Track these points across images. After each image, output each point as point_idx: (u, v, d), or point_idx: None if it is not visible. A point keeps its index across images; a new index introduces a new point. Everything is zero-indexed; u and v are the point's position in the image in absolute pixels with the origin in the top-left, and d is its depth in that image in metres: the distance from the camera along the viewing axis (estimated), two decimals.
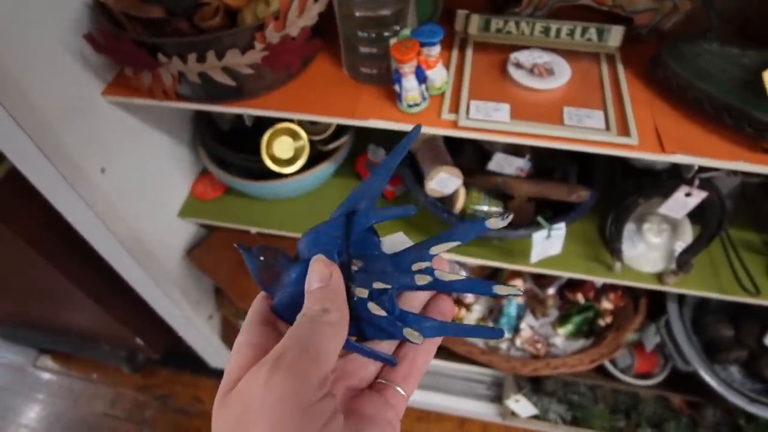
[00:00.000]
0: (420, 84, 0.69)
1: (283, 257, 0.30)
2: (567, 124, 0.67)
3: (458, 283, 0.28)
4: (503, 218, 0.27)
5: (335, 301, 0.27)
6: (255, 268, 0.30)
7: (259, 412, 0.22)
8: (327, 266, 0.28)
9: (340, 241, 0.30)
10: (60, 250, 1.02)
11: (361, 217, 0.30)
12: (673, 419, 1.25)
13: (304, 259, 0.29)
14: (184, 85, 0.73)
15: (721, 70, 0.65)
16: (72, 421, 1.50)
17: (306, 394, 0.22)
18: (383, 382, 0.30)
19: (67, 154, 0.75)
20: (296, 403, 0.22)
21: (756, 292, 0.86)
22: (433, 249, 0.29)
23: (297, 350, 0.24)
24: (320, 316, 0.26)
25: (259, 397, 0.22)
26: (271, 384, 0.22)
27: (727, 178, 0.90)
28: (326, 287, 0.27)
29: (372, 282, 0.29)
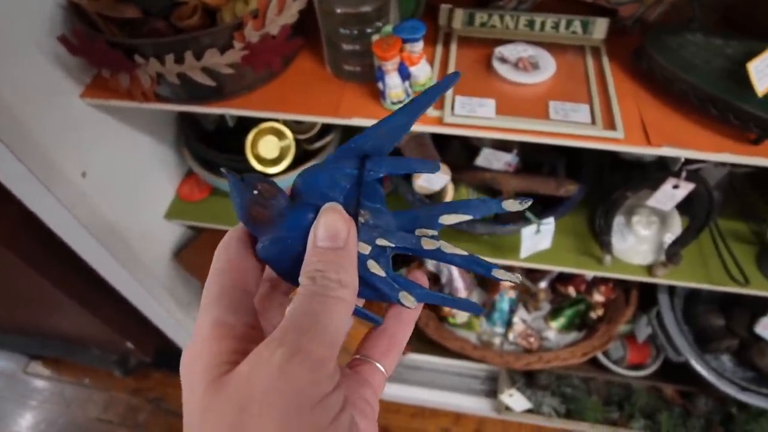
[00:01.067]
0: (404, 81, 0.68)
1: (281, 196, 0.25)
2: (553, 118, 0.67)
3: (459, 258, 0.26)
4: (522, 202, 0.25)
5: (350, 271, 0.23)
6: (245, 202, 0.24)
7: (268, 404, 0.19)
8: (345, 222, 0.23)
9: (350, 188, 0.26)
10: (40, 253, 1.01)
11: (376, 163, 0.26)
12: (665, 409, 1.25)
13: (308, 202, 0.25)
14: (163, 86, 0.72)
15: (705, 61, 0.65)
16: (65, 427, 1.49)
17: (322, 385, 0.20)
18: (360, 357, 0.27)
19: (44, 158, 0.73)
20: (311, 395, 0.19)
21: (745, 281, 0.87)
22: (442, 218, 0.27)
23: (313, 333, 0.20)
24: (334, 288, 0.22)
25: (270, 386, 0.19)
26: (287, 372, 0.19)
27: (714, 169, 0.90)
28: (342, 250, 0.23)
29: (375, 238, 0.25)
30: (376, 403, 0.26)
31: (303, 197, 0.25)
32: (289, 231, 0.24)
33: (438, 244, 0.26)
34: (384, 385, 0.27)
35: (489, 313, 1.25)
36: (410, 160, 0.27)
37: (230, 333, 0.22)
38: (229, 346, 0.21)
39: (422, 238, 0.26)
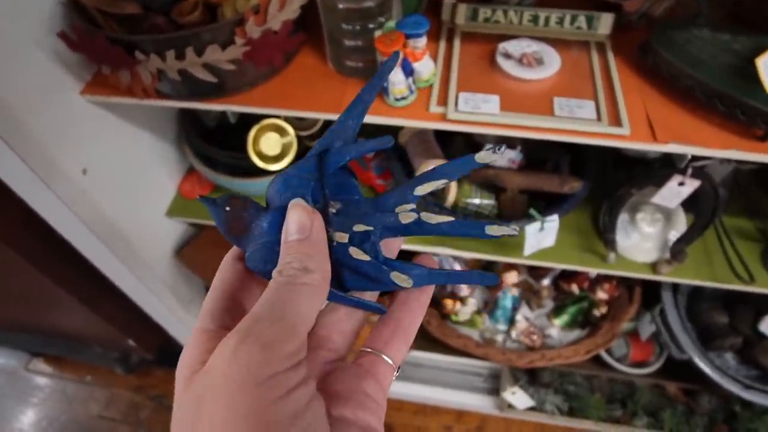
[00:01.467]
0: (407, 77, 0.67)
1: (252, 206, 0.27)
2: (558, 114, 0.66)
3: (446, 225, 0.26)
4: (495, 150, 0.25)
5: (316, 258, 0.24)
6: (222, 220, 0.27)
7: (219, 386, 0.20)
8: (307, 214, 0.24)
9: (314, 183, 0.27)
10: (41, 250, 1.00)
11: (334, 155, 0.27)
12: (668, 407, 1.25)
13: (275, 207, 0.26)
14: (164, 82, 0.71)
15: (712, 57, 0.64)
16: (67, 424, 1.49)
17: (273, 364, 0.20)
18: (363, 350, 0.26)
19: (44, 155, 0.73)
20: (259, 374, 0.20)
21: (750, 279, 0.86)
22: (417, 189, 0.26)
23: (269, 321, 0.21)
24: (299, 276, 0.23)
25: (221, 371, 0.20)
26: (236, 356, 0.20)
27: (719, 166, 0.89)
28: (306, 240, 0.24)
29: (352, 225, 0.26)
30: (380, 395, 0.25)
31: (274, 203, 0.27)
32: (267, 235, 0.26)
33: (416, 215, 0.26)
34: (392, 377, 0.26)
35: (492, 311, 1.25)
36: (364, 142, 0.27)
37: (210, 337, 0.23)
38: (205, 348, 0.22)
39: (400, 214, 0.26)
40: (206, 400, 0.20)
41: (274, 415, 0.19)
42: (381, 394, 0.25)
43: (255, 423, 0.19)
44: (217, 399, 0.20)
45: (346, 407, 0.23)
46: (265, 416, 0.19)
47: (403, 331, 0.26)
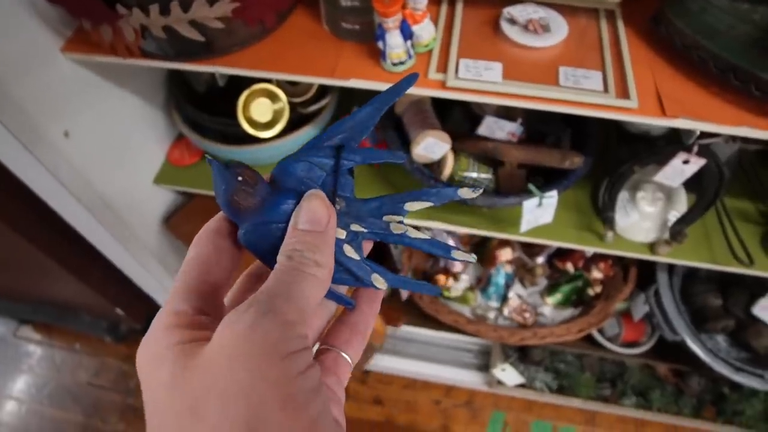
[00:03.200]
0: (405, 40, 0.64)
1: (262, 182, 0.26)
2: (563, 85, 0.63)
3: (420, 242, 0.29)
4: (474, 190, 0.28)
5: (326, 253, 0.24)
6: (227, 189, 0.25)
7: (241, 355, 0.19)
8: (326, 208, 0.24)
9: (326, 177, 0.27)
10: (27, 219, 0.97)
11: (350, 155, 0.28)
12: (658, 387, 1.25)
13: (287, 188, 0.26)
14: (148, 40, 0.67)
15: (729, 27, 0.61)
16: (55, 391, 1.49)
17: (291, 342, 0.20)
18: (323, 347, 0.27)
19: (23, 115, 0.69)
20: (281, 349, 0.20)
21: (750, 262, 0.84)
22: (407, 205, 0.29)
23: (284, 299, 0.21)
24: (309, 266, 0.23)
25: (242, 338, 0.20)
26: (258, 326, 0.20)
27: (725, 145, 0.87)
28: (322, 234, 0.24)
29: (350, 224, 0.28)
30: (340, 391, 0.26)
31: (281, 184, 0.26)
32: (271, 216, 0.25)
33: (405, 228, 0.29)
34: (348, 374, 0.27)
35: (484, 287, 1.23)
36: (381, 152, 0.29)
37: (181, 322, 0.22)
38: (180, 332, 0.22)
39: (391, 224, 0.28)
40: (222, 369, 0.19)
41: (300, 387, 0.20)
42: (341, 388, 0.26)
43: (283, 392, 0.19)
44: (238, 367, 0.19)
45: None
46: (291, 387, 0.19)
47: (361, 333, 0.28)
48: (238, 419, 0.19)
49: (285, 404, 0.19)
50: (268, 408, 0.19)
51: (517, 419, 1.39)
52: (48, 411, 1.46)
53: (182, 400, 0.20)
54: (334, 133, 0.28)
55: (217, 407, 0.19)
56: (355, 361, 0.28)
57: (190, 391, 0.20)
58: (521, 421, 1.39)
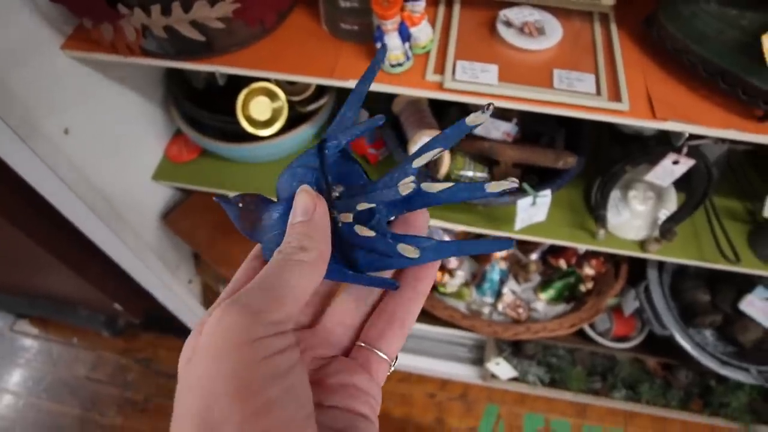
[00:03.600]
0: (404, 42, 0.65)
1: (262, 201, 0.28)
2: (557, 87, 0.64)
3: (445, 192, 0.25)
4: (484, 110, 0.24)
5: (315, 238, 0.25)
6: (236, 216, 0.28)
7: (204, 347, 0.21)
8: (311, 198, 0.26)
9: (317, 171, 0.28)
10: (26, 213, 0.98)
11: (331, 139, 0.28)
12: (647, 381, 1.28)
13: (283, 198, 0.28)
14: (149, 39, 0.68)
15: (718, 32, 0.62)
16: (53, 385, 1.50)
17: (255, 329, 0.21)
18: (359, 345, 0.27)
19: (24, 111, 0.70)
20: (241, 337, 0.21)
21: (736, 260, 0.87)
22: (415, 162, 0.26)
23: (258, 289, 0.22)
24: (295, 253, 0.24)
25: (208, 334, 0.21)
26: (221, 320, 0.21)
27: (714, 146, 0.89)
28: (308, 222, 0.25)
29: (355, 205, 0.27)
30: (374, 389, 0.25)
31: (283, 196, 0.28)
32: (273, 227, 0.27)
33: (414, 186, 0.25)
34: (386, 370, 0.27)
35: (479, 283, 1.25)
36: (359, 125, 0.29)
37: None
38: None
39: (399, 186, 0.25)
40: (195, 363, 0.21)
41: (255, 374, 0.20)
42: (375, 387, 0.26)
43: (238, 380, 0.20)
44: (201, 360, 0.21)
45: (335, 398, 0.24)
46: (247, 374, 0.20)
47: (398, 324, 0.27)
48: (194, 410, 0.20)
49: (237, 391, 0.20)
50: (217, 397, 0.20)
51: (510, 412, 1.42)
52: (45, 404, 1.47)
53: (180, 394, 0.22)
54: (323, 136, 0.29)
55: (184, 401, 0.21)
56: (392, 356, 0.27)
57: (179, 387, 0.22)
58: (514, 414, 1.41)
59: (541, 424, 1.40)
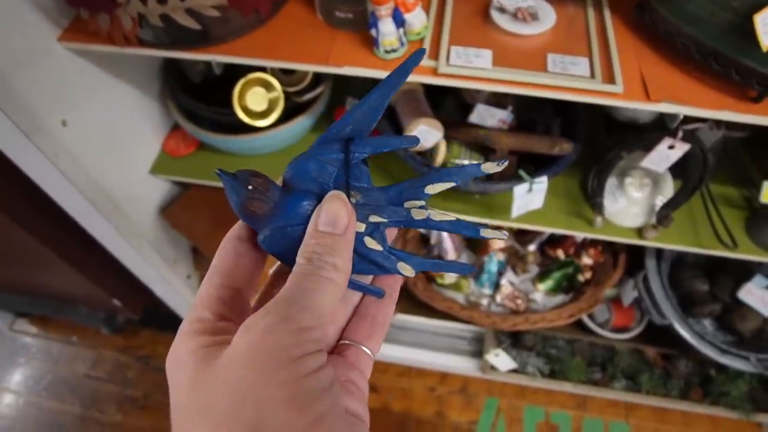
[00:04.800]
0: (398, 28, 0.65)
1: (274, 187, 0.26)
2: (551, 71, 0.65)
3: (447, 224, 0.27)
4: (499, 163, 0.27)
5: (345, 257, 0.24)
6: (240, 198, 0.25)
7: (253, 358, 0.20)
8: (347, 210, 0.24)
9: (337, 172, 0.27)
10: (26, 208, 0.98)
11: (359, 145, 0.27)
12: (647, 371, 1.28)
13: (301, 189, 0.26)
14: (145, 29, 0.68)
15: (710, 14, 0.63)
16: (53, 383, 1.49)
17: (304, 345, 0.21)
18: (346, 342, 0.28)
19: (22, 104, 0.70)
20: (293, 352, 0.21)
21: (733, 245, 0.87)
22: (428, 188, 0.28)
23: (300, 306, 0.22)
24: (328, 271, 0.23)
25: (256, 343, 0.21)
26: (271, 334, 0.21)
27: (710, 132, 0.89)
28: (341, 237, 0.24)
29: (368, 215, 0.27)
30: (364, 384, 0.27)
31: (295, 185, 0.26)
32: (288, 219, 0.25)
33: (427, 213, 0.27)
34: (371, 366, 0.28)
35: (477, 275, 1.26)
36: (392, 138, 0.28)
37: (202, 328, 0.23)
38: (202, 338, 0.23)
39: (412, 210, 0.27)
40: (234, 372, 0.20)
41: (308, 387, 0.20)
42: (364, 382, 0.27)
43: (289, 392, 0.20)
44: (249, 370, 0.20)
45: None
46: (299, 387, 0.20)
47: (380, 326, 0.29)
48: (245, 418, 0.20)
49: (290, 403, 0.20)
50: (273, 407, 0.20)
51: (510, 405, 1.42)
52: (46, 403, 1.47)
53: (197, 402, 0.21)
54: (344, 125, 0.27)
55: (227, 407, 0.20)
56: (376, 353, 0.28)
57: (205, 393, 0.21)
58: (514, 406, 1.41)
59: (541, 416, 1.40)
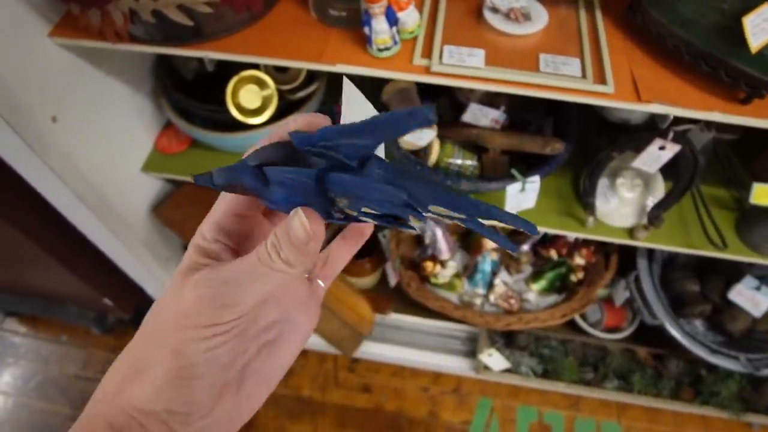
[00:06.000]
0: (391, 26, 0.65)
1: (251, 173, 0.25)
2: (543, 71, 0.65)
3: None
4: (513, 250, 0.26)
5: (304, 262, 0.26)
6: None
7: (187, 301, 0.25)
8: (306, 233, 0.25)
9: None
10: (15, 206, 0.97)
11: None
12: (638, 371, 1.29)
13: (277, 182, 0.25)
14: (137, 25, 0.68)
15: (700, 16, 0.63)
16: (43, 383, 1.48)
17: (214, 319, 0.25)
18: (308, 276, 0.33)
19: (11, 100, 0.70)
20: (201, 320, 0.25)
21: (723, 246, 0.88)
22: (434, 209, 0.25)
23: (234, 288, 0.25)
24: (280, 265, 0.25)
25: (191, 296, 0.25)
26: (200, 297, 0.25)
27: (700, 134, 0.90)
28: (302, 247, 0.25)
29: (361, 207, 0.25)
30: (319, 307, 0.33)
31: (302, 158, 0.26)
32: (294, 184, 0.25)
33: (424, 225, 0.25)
34: (323, 295, 0.33)
35: (471, 275, 1.26)
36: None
37: (202, 250, 0.27)
38: (195, 259, 0.27)
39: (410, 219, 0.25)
40: (181, 303, 0.26)
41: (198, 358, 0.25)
42: (319, 306, 0.33)
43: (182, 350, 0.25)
44: (183, 308, 0.26)
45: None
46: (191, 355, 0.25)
47: (335, 268, 0.33)
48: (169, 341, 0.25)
49: (175, 359, 0.25)
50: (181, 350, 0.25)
51: (503, 405, 1.42)
52: (36, 404, 1.45)
53: (160, 306, 0.27)
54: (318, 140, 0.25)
55: (168, 325, 0.26)
56: (327, 287, 0.33)
57: (165, 304, 0.26)
58: (507, 407, 1.42)
59: (534, 417, 1.41)
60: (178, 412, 0.25)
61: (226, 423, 0.27)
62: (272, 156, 0.26)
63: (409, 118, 0.23)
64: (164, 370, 0.25)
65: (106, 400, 0.26)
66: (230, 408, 0.27)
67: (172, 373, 0.25)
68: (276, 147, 0.26)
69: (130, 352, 0.27)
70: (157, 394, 0.25)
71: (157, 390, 0.25)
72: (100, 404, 0.26)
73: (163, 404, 0.25)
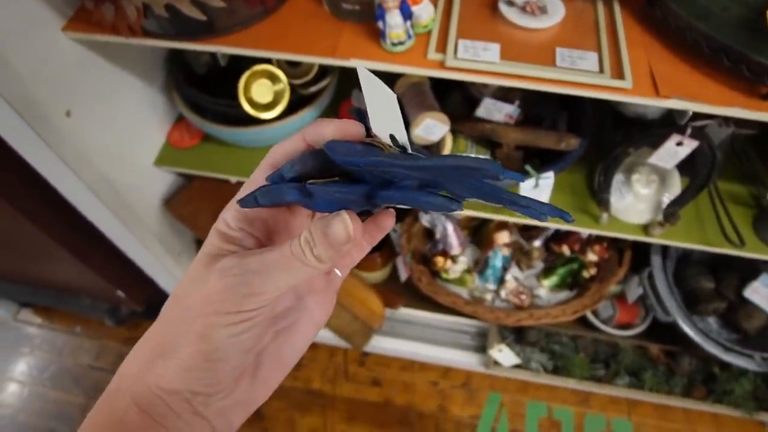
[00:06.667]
0: (405, 20, 0.64)
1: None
2: (559, 65, 0.64)
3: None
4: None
5: (334, 259, 0.26)
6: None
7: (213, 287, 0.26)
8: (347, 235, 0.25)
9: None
10: (30, 199, 0.98)
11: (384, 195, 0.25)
12: (650, 368, 1.28)
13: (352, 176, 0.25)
14: (150, 20, 0.68)
15: (722, 9, 0.62)
16: (57, 374, 1.50)
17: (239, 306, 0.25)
18: None
19: (26, 94, 0.70)
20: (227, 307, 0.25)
21: (741, 244, 0.86)
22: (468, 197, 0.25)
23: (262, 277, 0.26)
24: (310, 260, 0.25)
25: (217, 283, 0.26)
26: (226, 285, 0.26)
27: (718, 129, 0.88)
28: (336, 249, 0.25)
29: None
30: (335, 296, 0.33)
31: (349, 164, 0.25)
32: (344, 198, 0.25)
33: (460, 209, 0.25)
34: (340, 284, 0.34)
35: (482, 270, 1.25)
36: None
37: (224, 237, 0.28)
38: (218, 245, 0.27)
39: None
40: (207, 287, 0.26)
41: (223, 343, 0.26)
42: (335, 295, 0.33)
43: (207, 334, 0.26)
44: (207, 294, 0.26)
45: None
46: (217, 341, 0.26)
47: (353, 261, 0.34)
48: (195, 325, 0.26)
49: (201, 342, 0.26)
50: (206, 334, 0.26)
51: (512, 400, 1.41)
52: (50, 393, 1.48)
53: (185, 291, 0.27)
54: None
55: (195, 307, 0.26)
56: (344, 277, 0.34)
57: (190, 290, 0.27)
58: (517, 402, 1.41)
59: (543, 412, 1.40)
60: (201, 393, 0.26)
61: (243, 405, 0.29)
62: (308, 166, 0.26)
63: (477, 171, 0.21)
64: (189, 353, 0.26)
65: (131, 380, 0.27)
66: (247, 391, 0.29)
67: (197, 356, 0.26)
68: (311, 156, 0.26)
69: (154, 335, 0.28)
70: (183, 376, 0.26)
71: (183, 371, 0.26)
72: (124, 382, 0.27)
73: (188, 385, 0.26)
